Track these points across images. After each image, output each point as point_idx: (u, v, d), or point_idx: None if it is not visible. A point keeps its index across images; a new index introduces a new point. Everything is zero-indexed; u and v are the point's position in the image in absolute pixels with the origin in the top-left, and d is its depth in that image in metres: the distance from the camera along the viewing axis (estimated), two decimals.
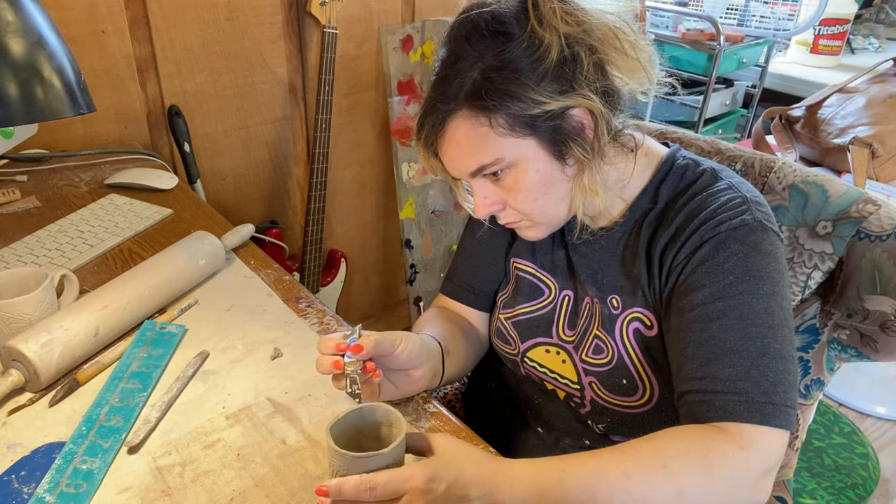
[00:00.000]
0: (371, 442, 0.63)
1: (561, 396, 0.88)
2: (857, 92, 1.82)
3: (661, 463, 0.62)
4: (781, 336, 0.68)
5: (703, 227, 0.73)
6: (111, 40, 1.40)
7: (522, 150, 0.72)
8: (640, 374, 0.78)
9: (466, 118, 0.72)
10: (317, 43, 1.67)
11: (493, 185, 0.76)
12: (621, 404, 0.81)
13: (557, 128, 0.71)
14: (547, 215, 0.78)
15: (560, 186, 0.75)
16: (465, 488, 0.59)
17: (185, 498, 0.67)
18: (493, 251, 0.95)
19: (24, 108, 0.73)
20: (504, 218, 0.80)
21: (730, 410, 0.65)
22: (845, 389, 2.07)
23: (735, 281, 0.70)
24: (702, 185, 0.77)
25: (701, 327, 0.70)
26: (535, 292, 0.89)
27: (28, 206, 1.20)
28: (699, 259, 0.72)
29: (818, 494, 1.74)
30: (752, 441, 0.63)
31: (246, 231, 1.11)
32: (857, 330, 0.85)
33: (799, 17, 2.28)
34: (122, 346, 0.86)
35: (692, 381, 0.69)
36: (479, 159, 0.73)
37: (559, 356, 0.86)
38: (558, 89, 0.70)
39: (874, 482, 1.78)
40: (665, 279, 0.76)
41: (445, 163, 0.77)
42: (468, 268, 0.97)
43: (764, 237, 0.72)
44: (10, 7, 0.72)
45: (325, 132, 1.70)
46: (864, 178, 1.68)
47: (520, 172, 0.74)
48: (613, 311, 0.81)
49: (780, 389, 0.65)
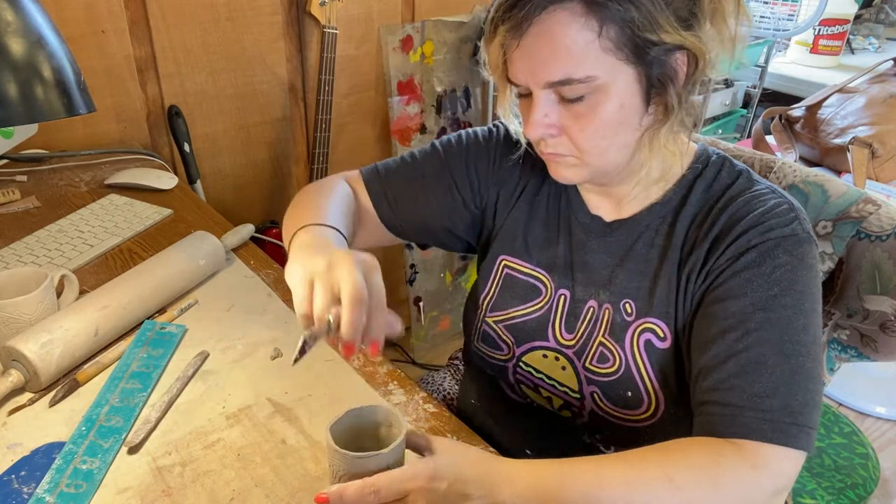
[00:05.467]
0: (371, 442, 0.63)
1: (556, 405, 0.83)
2: (857, 92, 1.82)
3: (667, 475, 0.60)
4: (814, 355, 0.65)
5: (750, 231, 0.68)
6: (111, 40, 1.40)
7: (618, 76, 0.64)
8: (648, 387, 0.74)
9: (575, 15, 0.62)
10: (317, 43, 1.67)
11: (562, 106, 0.67)
12: (623, 417, 0.77)
13: (662, 64, 0.64)
14: (604, 159, 0.70)
15: (630, 134, 0.68)
16: (466, 487, 0.58)
17: (185, 498, 0.67)
18: (445, 196, 0.87)
19: (24, 108, 0.73)
20: (552, 146, 0.70)
21: (753, 428, 0.62)
22: (845, 389, 2.07)
23: (779, 293, 0.66)
24: (741, 186, 0.73)
25: (735, 337, 0.65)
26: (530, 293, 0.84)
27: (28, 206, 1.20)
28: (743, 265, 0.68)
29: (818, 494, 1.74)
30: (766, 461, 0.61)
31: (246, 231, 1.11)
32: (857, 330, 0.85)
33: (799, 18, 2.28)
34: (122, 346, 0.86)
35: (718, 391, 0.65)
36: (569, 70, 0.63)
37: (558, 362, 0.81)
38: (681, 22, 0.63)
39: (874, 482, 1.78)
40: (701, 282, 0.71)
41: (520, 60, 0.66)
42: (407, 191, 0.88)
43: (810, 250, 0.68)
44: (10, 7, 0.72)
45: (325, 132, 1.70)
46: (864, 178, 1.68)
47: (603, 101, 0.65)
48: (626, 318, 0.76)
49: (807, 410, 0.63)
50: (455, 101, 2.00)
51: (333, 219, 0.78)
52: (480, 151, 0.88)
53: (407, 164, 0.90)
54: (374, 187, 0.90)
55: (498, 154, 0.88)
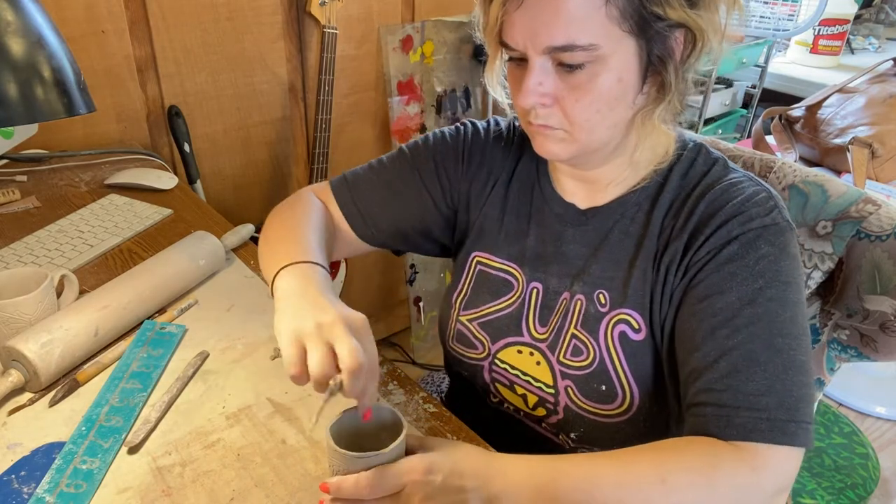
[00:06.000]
0: (371, 442, 0.63)
1: (531, 403, 0.81)
2: (857, 92, 1.82)
3: (660, 477, 0.59)
4: (804, 346, 0.65)
5: (730, 221, 0.68)
6: (111, 40, 1.40)
7: (619, 48, 0.63)
8: (622, 380, 0.74)
9: None
10: (317, 43, 1.67)
11: (558, 76, 0.65)
12: (597, 412, 0.75)
13: (663, 41, 0.63)
14: (593, 135, 0.68)
15: (623, 111, 0.67)
16: (460, 480, 0.59)
17: (185, 498, 0.67)
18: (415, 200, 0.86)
19: (24, 108, 0.73)
20: (543, 118, 0.68)
21: (750, 429, 0.61)
22: (845, 389, 2.07)
23: (764, 286, 0.65)
24: (717, 173, 0.72)
25: (725, 334, 0.65)
26: (502, 288, 0.82)
27: (28, 206, 1.20)
28: (726, 257, 0.67)
29: (818, 494, 1.74)
30: (765, 461, 0.60)
31: (246, 231, 1.11)
32: (857, 330, 0.85)
33: (799, 18, 2.27)
34: (122, 346, 0.86)
35: (711, 392, 0.64)
36: (572, 35, 0.61)
37: (533, 357, 0.80)
38: (687, 0, 0.62)
39: (874, 482, 1.78)
40: (682, 276, 0.70)
41: (521, 20, 0.63)
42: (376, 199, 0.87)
43: (791, 239, 0.68)
44: (10, 7, 0.72)
45: (325, 132, 1.70)
46: (864, 178, 1.68)
47: (601, 72, 0.63)
48: (600, 309, 0.75)
49: (802, 405, 0.62)
50: (455, 101, 2.00)
51: (313, 251, 0.75)
52: (448, 151, 0.87)
53: (374, 171, 0.89)
54: (342, 199, 0.89)
55: (466, 151, 0.87)
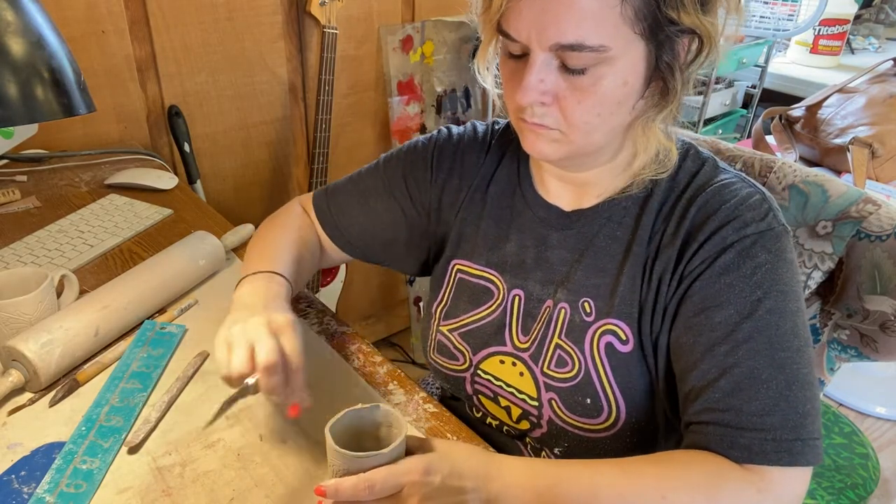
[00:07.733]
0: (371, 442, 0.63)
1: (515, 416, 0.79)
2: (857, 92, 1.82)
3: (661, 493, 0.58)
4: (806, 359, 0.63)
5: (725, 227, 0.65)
6: (111, 40, 1.40)
7: (629, 51, 0.60)
8: (608, 394, 0.71)
9: None
10: (317, 43, 1.67)
11: (561, 75, 0.62)
12: (582, 426, 0.73)
13: (671, 46, 0.61)
14: (589, 138, 0.65)
15: (624, 116, 0.65)
16: (460, 479, 0.58)
17: (185, 498, 0.67)
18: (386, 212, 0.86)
19: (24, 108, 0.73)
20: (539, 116, 0.64)
21: (755, 451, 0.59)
22: (845, 389, 2.07)
23: (763, 296, 0.63)
24: (708, 174, 0.70)
25: (725, 351, 0.63)
26: (482, 296, 0.80)
27: (28, 206, 1.20)
28: (722, 267, 0.64)
29: (818, 494, 1.74)
30: (772, 484, 0.59)
31: (246, 231, 1.11)
32: (857, 330, 0.85)
33: (799, 18, 2.27)
34: (122, 346, 0.86)
35: (712, 412, 0.62)
36: (583, 34, 0.58)
37: (516, 367, 0.77)
38: (701, 5, 0.60)
39: (874, 482, 1.78)
40: (676, 286, 0.67)
41: (527, 11, 0.59)
42: (350, 210, 0.87)
43: (787, 243, 0.65)
44: (10, 7, 0.72)
45: (325, 132, 1.70)
46: (864, 178, 1.68)
47: (607, 74, 0.60)
48: (585, 318, 0.72)
49: (808, 421, 0.61)
50: (455, 101, 2.00)
51: (278, 261, 0.81)
52: (417, 160, 0.86)
53: (353, 182, 0.90)
54: (320, 209, 0.91)
55: (435, 158, 0.85)
